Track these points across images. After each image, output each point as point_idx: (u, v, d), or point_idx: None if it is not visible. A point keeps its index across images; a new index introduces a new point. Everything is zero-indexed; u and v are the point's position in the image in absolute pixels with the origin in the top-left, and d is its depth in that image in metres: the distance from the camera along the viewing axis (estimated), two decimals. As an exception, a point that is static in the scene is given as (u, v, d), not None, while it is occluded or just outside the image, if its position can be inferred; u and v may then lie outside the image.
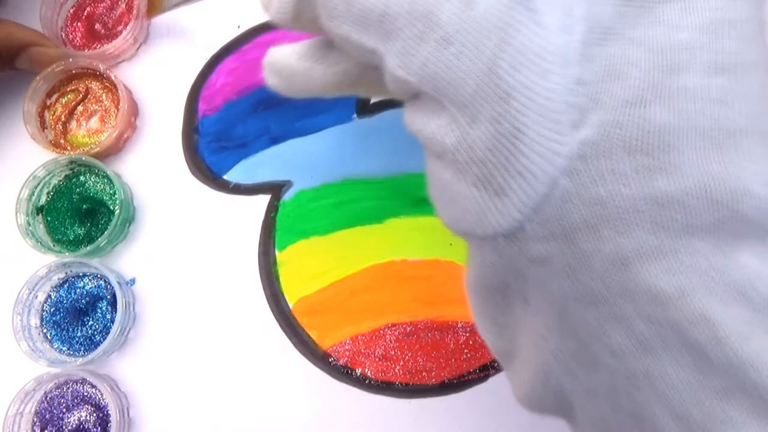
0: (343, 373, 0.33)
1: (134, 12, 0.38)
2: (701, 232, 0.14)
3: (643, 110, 0.13)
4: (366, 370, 0.33)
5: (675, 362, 0.14)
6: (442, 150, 0.15)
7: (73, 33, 0.40)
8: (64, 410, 0.34)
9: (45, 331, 0.35)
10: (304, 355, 0.34)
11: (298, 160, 0.36)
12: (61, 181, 0.37)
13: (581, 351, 0.16)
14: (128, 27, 0.37)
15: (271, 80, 0.22)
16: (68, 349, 0.35)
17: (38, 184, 0.36)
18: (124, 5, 0.40)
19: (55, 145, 0.37)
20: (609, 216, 0.14)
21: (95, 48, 0.39)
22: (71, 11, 0.40)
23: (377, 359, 0.33)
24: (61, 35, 0.40)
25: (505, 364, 0.19)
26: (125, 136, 0.37)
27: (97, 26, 0.40)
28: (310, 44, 0.21)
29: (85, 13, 0.40)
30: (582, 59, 0.14)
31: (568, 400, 0.17)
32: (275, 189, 0.36)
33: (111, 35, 0.39)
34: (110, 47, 0.38)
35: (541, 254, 0.15)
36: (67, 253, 0.34)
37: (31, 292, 0.35)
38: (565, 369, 0.16)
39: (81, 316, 0.35)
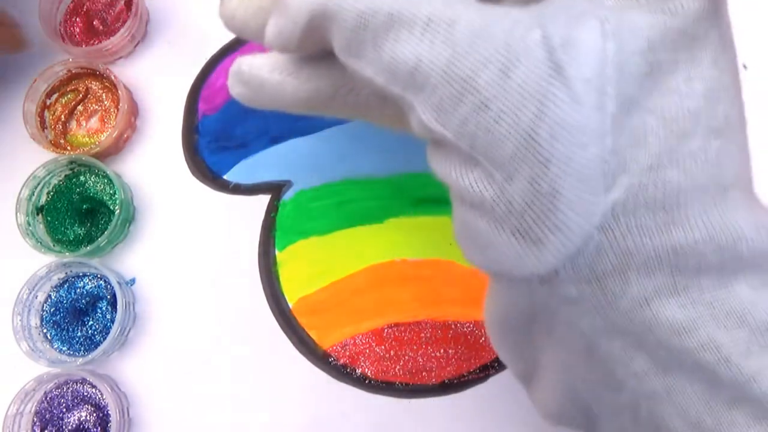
0: (343, 373, 0.33)
1: (133, 9, 0.38)
2: (707, 271, 0.16)
3: (661, 173, 0.16)
4: (366, 370, 0.33)
5: (690, 380, 0.17)
6: (478, 201, 0.17)
7: (72, 28, 0.40)
8: (64, 410, 0.34)
9: (45, 331, 0.35)
10: (304, 355, 0.34)
11: (298, 160, 0.36)
12: (61, 181, 0.37)
13: (607, 376, 0.18)
14: (126, 24, 0.37)
15: (237, 90, 0.22)
16: (68, 349, 0.35)
17: (38, 184, 0.36)
18: (123, 2, 0.40)
19: (55, 145, 0.37)
20: (635, 263, 0.16)
21: (93, 44, 0.39)
22: (70, 6, 0.40)
23: (377, 359, 0.33)
24: (60, 30, 0.40)
25: (526, 384, 0.22)
26: (125, 136, 0.37)
27: (96, 22, 0.40)
28: (285, 57, 0.21)
29: (84, 9, 0.40)
30: (613, 131, 0.16)
31: (594, 417, 0.19)
32: (275, 189, 0.36)
33: (109, 32, 0.39)
34: (108, 44, 0.38)
35: (573, 295, 0.17)
36: (67, 253, 0.34)
37: (31, 292, 0.35)
38: (591, 391, 0.19)
39: (81, 316, 0.35)
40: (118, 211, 0.35)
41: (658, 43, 0.16)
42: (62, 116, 0.38)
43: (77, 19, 0.40)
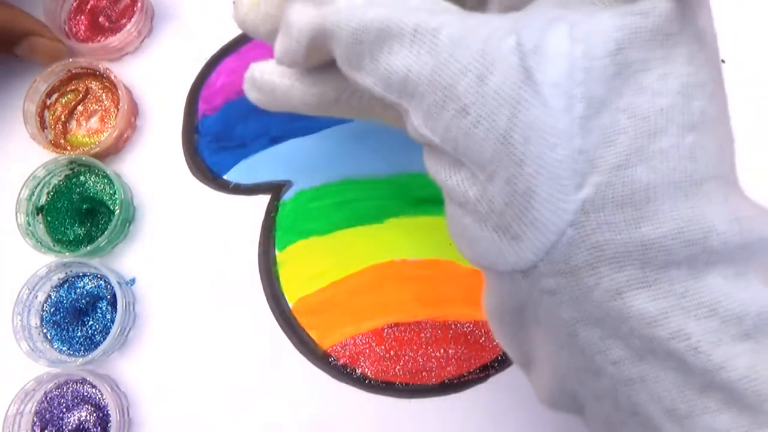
0: (343, 373, 0.33)
1: (139, 4, 0.38)
2: (678, 263, 0.17)
3: (629, 171, 0.16)
4: (366, 370, 0.33)
5: (663, 368, 0.17)
6: (464, 200, 0.18)
7: (77, 26, 0.40)
8: (64, 410, 0.34)
9: (45, 331, 0.35)
10: (304, 355, 0.34)
11: (298, 160, 0.36)
12: (61, 181, 0.37)
13: (588, 363, 0.18)
14: (133, 20, 0.38)
15: (252, 95, 0.24)
16: (68, 349, 0.35)
17: (38, 184, 0.36)
18: (127, -3, 0.40)
19: (55, 145, 0.37)
20: (606, 257, 0.17)
21: (99, 41, 0.39)
22: (74, 4, 0.40)
23: (377, 359, 0.33)
24: (65, 28, 0.40)
25: (526, 372, 0.22)
26: (125, 136, 0.37)
27: (101, 19, 0.40)
28: None
29: (89, 6, 0.40)
30: (582, 132, 0.16)
31: (580, 402, 0.20)
32: (275, 189, 0.36)
33: (115, 28, 0.39)
34: (114, 40, 0.38)
35: (552, 287, 0.18)
36: (67, 253, 0.34)
37: (31, 292, 0.35)
38: (575, 378, 0.19)
39: (81, 316, 0.35)
40: (118, 211, 0.35)
41: (628, 44, 0.16)
42: (62, 116, 0.38)
43: (82, 17, 0.40)
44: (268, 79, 0.23)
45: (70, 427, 0.33)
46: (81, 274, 0.36)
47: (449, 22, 0.17)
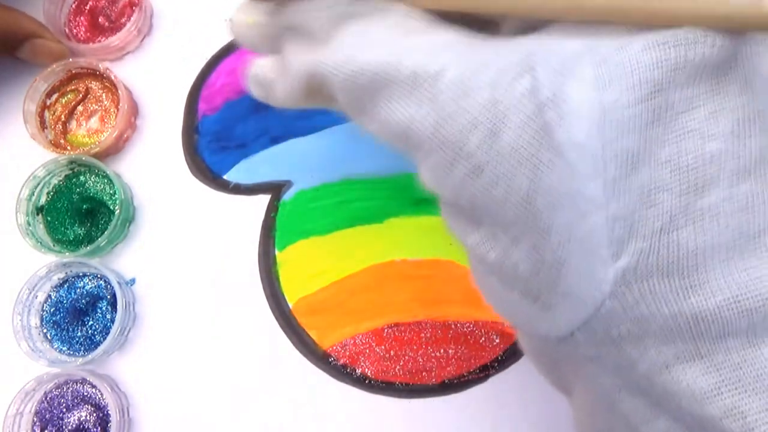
0: (343, 373, 0.33)
1: (138, 3, 0.38)
2: (735, 333, 0.15)
3: (675, 235, 0.14)
4: (366, 370, 0.33)
5: None
6: (485, 260, 0.16)
7: (77, 27, 0.40)
8: (64, 410, 0.34)
9: (45, 331, 0.35)
10: (304, 355, 0.34)
11: (298, 160, 0.36)
12: (61, 181, 0.37)
13: (630, 431, 0.17)
14: (132, 19, 0.38)
15: (255, 90, 0.23)
16: (68, 349, 0.35)
17: (38, 184, 0.36)
18: (126, -3, 0.40)
19: (55, 145, 0.37)
20: (651, 330, 0.15)
21: (99, 41, 0.39)
22: (74, 6, 0.40)
23: (377, 359, 0.33)
24: (65, 30, 0.40)
25: (566, 397, 0.21)
26: (125, 136, 0.37)
27: (101, 19, 0.40)
28: None
29: (88, 7, 0.40)
30: (616, 194, 0.14)
31: None
32: (275, 189, 0.36)
33: (115, 28, 0.39)
34: (115, 39, 0.38)
35: (591, 354, 0.16)
36: (67, 253, 0.34)
37: (31, 292, 0.35)
38: None
39: (81, 316, 0.35)
40: (118, 211, 0.35)
41: (668, 84, 0.14)
42: (62, 116, 0.38)
43: (82, 18, 0.40)
44: (268, 74, 0.22)
45: (70, 427, 0.33)
46: (81, 274, 0.36)
47: (452, 63, 0.15)
